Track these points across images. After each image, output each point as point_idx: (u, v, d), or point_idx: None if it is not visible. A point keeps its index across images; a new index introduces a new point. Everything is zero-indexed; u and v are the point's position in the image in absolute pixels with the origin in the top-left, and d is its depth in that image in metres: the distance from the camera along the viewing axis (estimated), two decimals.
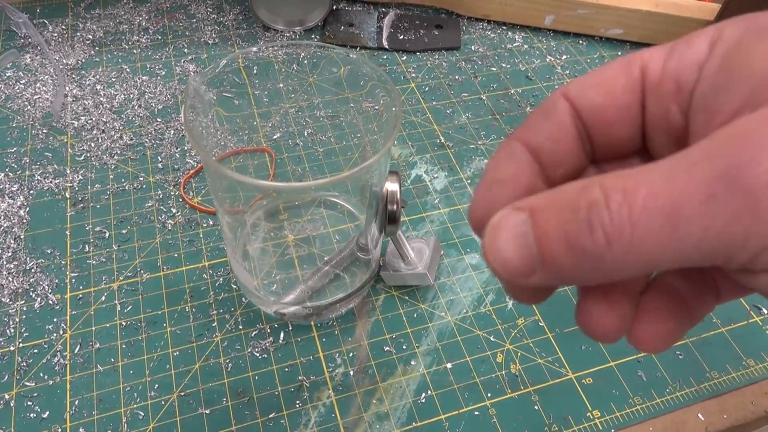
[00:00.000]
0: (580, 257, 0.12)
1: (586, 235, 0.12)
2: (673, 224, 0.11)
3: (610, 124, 0.15)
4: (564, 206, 0.12)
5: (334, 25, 0.56)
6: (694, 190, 0.11)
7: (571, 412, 0.33)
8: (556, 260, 0.12)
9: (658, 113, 0.15)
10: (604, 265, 0.12)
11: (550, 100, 0.16)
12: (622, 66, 0.15)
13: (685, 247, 0.11)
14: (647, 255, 0.12)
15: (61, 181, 0.42)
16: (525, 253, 0.13)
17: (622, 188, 0.12)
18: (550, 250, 0.12)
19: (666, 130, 0.15)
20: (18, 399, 0.32)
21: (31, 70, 0.50)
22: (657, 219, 0.11)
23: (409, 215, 0.42)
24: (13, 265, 0.38)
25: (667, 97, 0.14)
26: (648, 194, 0.11)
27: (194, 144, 0.27)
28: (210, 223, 0.41)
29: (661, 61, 0.14)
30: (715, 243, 0.11)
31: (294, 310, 0.35)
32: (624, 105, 0.15)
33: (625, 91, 0.15)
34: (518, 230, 0.13)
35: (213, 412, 0.32)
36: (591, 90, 0.15)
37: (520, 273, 0.13)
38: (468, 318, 0.37)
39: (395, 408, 0.33)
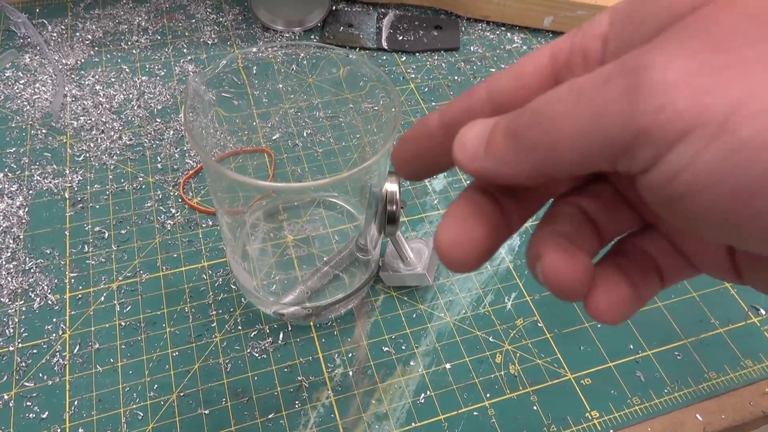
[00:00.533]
0: (509, 138, 0.14)
1: (520, 118, 0.14)
2: (574, 102, 0.13)
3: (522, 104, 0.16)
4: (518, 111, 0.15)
5: (334, 25, 0.56)
6: (594, 78, 0.13)
7: (569, 413, 0.33)
8: (495, 143, 0.14)
9: None
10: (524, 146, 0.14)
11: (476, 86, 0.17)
12: (531, 56, 0.17)
13: (581, 127, 0.12)
14: (555, 133, 0.13)
15: (61, 181, 0.42)
16: (478, 142, 0.15)
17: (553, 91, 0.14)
18: (493, 137, 0.14)
19: None
20: (17, 399, 0.32)
21: (31, 70, 0.50)
22: (566, 98, 0.13)
23: (408, 216, 0.42)
24: (12, 265, 0.38)
25: (576, 69, 0.16)
26: (565, 85, 0.13)
27: (194, 144, 0.27)
28: (209, 223, 0.41)
29: (568, 41, 0.16)
30: (603, 124, 0.12)
31: (293, 310, 0.35)
32: (533, 88, 0.16)
33: (534, 73, 0.16)
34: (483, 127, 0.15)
35: (212, 412, 0.32)
36: (505, 76, 0.17)
37: (469, 157, 0.15)
38: (467, 318, 0.37)
39: (394, 408, 0.33)
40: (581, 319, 0.37)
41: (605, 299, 0.15)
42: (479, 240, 0.16)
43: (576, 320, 0.37)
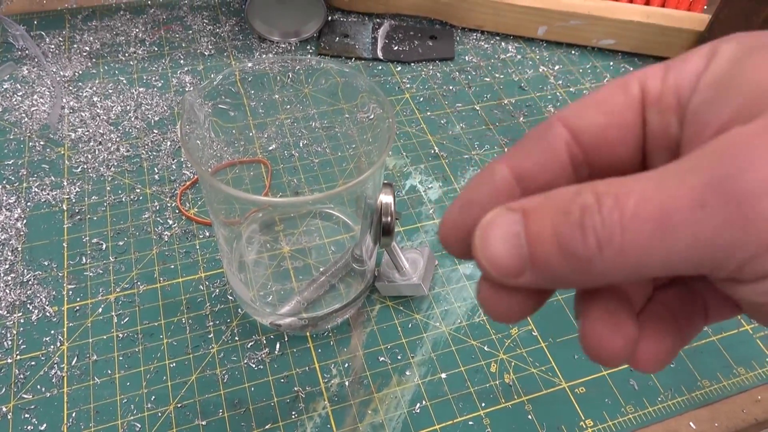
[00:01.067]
0: (570, 260, 0.12)
1: (577, 239, 0.12)
2: (662, 230, 0.11)
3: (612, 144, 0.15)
4: (557, 209, 0.13)
5: (330, 36, 0.56)
6: (684, 197, 0.11)
7: (564, 422, 0.33)
8: (547, 262, 0.13)
9: (659, 129, 0.15)
10: (594, 268, 0.12)
11: (544, 124, 0.15)
12: (619, 86, 0.15)
13: (673, 254, 0.11)
14: (636, 260, 0.12)
15: (58, 193, 0.43)
16: (516, 253, 0.13)
17: (614, 193, 0.12)
18: (541, 252, 0.13)
19: (667, 147, 0.15)
20: (15, 411, 0.33)
21: (29, 82, 0.50)
22: (647, 224, 0.11)
23: (403, 225, 0.42)
24: (10, 277, 0.38)
25: (668, 111, 0.14)
26: (639, 200, 0.12)
27: (190, 158, 0.27)
28: (206, 234, 0.41)
29: (659, 78, 0.15)
30: (703, 250, 0.11)
31: (290, 321, 0.36)
32: (624, 123, 0.15)
33: (625, 108, 0.15)
34: (510, 230, 0.13)
35: (209, 423, 0.33)
36: (590, 110, 0.15)
37: (510, 273, 0.13)
38: (462, 328, 0.37)
39: (390, 418, 0.33)
40: (575, 328, 0.37)
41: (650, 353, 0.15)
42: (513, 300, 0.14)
43: (570, 329, 0.37)
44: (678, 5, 0.56)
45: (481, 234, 0.14)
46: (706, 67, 0.14)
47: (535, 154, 0.15)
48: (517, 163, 0.15)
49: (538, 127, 0.15)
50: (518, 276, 0.13)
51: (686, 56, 0.14)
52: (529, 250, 0.13)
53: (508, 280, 0.13)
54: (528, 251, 0.13)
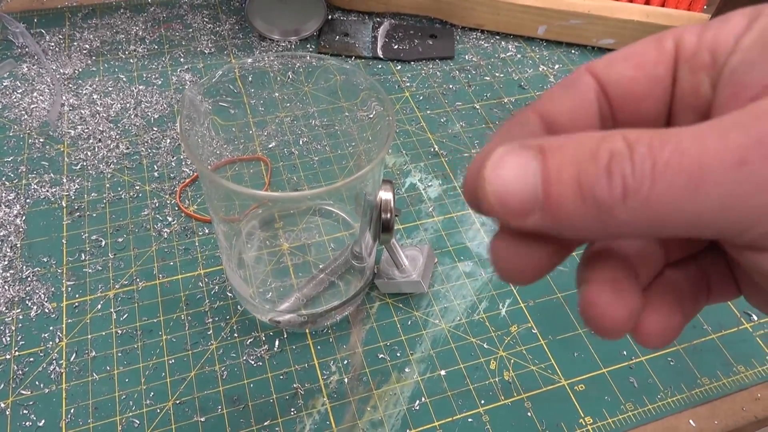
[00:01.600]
0: (589, 205, 0.12)
1: (602, 183, 0.11)
2: (696, 184, 0.11)
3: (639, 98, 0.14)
4: (581, 150, 0.12)
5: (330, 34, 0.56)
6: (724, 153, 0.11)
7: (563, 419, 0.33)
8: (561, 204, 0.12)
9: (689, 87, 0.14)
10: (613, 218, 0.12)
11: (573, 75, 0.15)
12: (653, 41, 0.14)
13: (702, 211, 0.11)
14: (661, 214, 0.11)
15: (58, 189, 0.43)
16: (527, 190, 0.12)
17: (647, 142, 0.11)
18: (557, 192, 0.12)
19: (695, 106, 0.14)
20: (14, 407, 0.33)
21: (28, 79, 0.50)
22: (680, 177, 0.11)
23: (403, 223, 0.42)
24: (9, 273, 0.38)
25: (701, 68, 0.14)
26: (674, 151, 0.11)
27: (190, 154, 0.27)
28: (205, 231, 0.41)
29: (696, 35, 0.14)
30: (734, 210, 0.11)
31: (289, 318, 0.36)
32: (655, 77, 0.14)
33: (657, 63, 0.14)
34: (525, 165, 0.12)
35: (208, 419, 0.33)
36: (620, 63, 0.14)
37: (518, 211, 0.12)
38: (462, 325, 0.37)
39: (389, 415, 0.33)
40: (575, 326, 0.37)
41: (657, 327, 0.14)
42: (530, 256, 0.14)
43: (570, 327, 0.37)
44: (678, 5, 0.56)
45: (491, 165, 0.13)
46: (748, 28, 0.13)
47: (565, 102, 0.15)
48: (547, 110, 0.15)
49: (567, 77, 0.15)
50: (526, 215, 0.12)
51: (727, 16, 0.14)
52: (543, 189, 0.12)
53: (515, 220, 0.12)
54: (542, 190, 0.12)
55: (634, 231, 0.12)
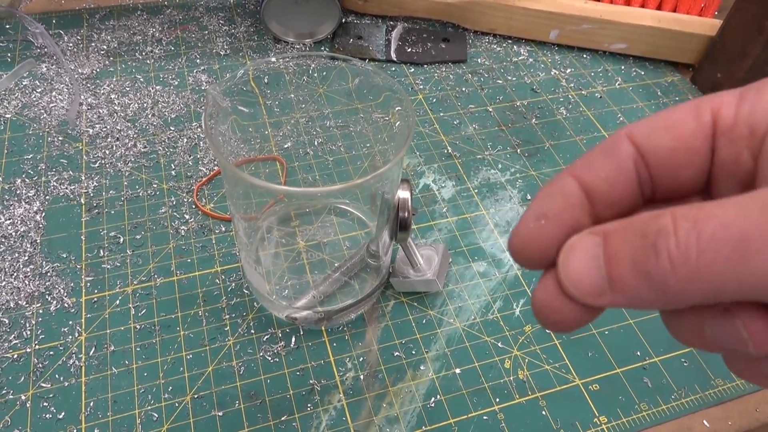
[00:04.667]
0: (644, 280, 0.13)
1: (651, 259, 0.13)
2: (741, 254, 0.12)
3: (679, 167, 0.15)
4: (634, 232, 0.13)
5: (344, 37, 0.57)
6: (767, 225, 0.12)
7: (578, 418, 0.34)
8: (623, 282, 0.13)
9: (728, 158, 0.15)
10: (669, 289, 0.12)
11: (612, 140, 0.16)
12: (691, 110, 0.15)
13: (750, 277, 0.12)
14: (710, 283, 0.12)
15: (77, 187, 0.43)
16: (595, 274, 0.14)
17: (692, 217, 0.12)
18: (617, 272, 0.13)
19: (734, 175, 0.15)
20: (34, 400, 0.33)
21: (47, 79, 0.51)
22: (725, 248, 0.12)
23: (417, 223, 0.43)
24: (29, 268, 0.38)
25: (740, 141, 0.15)
26: (719, 225, 0.12)
27: (214, 149, 0.28)
28: (222, 229, 0.42)
29: (733, 107, 0.15)
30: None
31: (305, 314, 0.36)
32: (693, 149, 0.15)
33: (695, 135, 0.15)
34: (591, 252, 0.14)
35: (226, 414, 0.33)
36: (660, 133, 0.15)
37: (591, 292, 0.14)
38: (476, 324, 0.37)
39: (405, 412, 0.33)
40: (589, 326, 0.37)
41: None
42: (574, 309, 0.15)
43: (584, 327, 0.37)
44: (689, 10, 0.57)
45: (564, 257, 0.14)
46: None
47: (603, 168, 0.15)
48: (587, 178, 0.15)
49: (605, 141, 0.16)
50: (599, 296, 0.14)
51: (761, 86, 0.15)
52: (606, 271, 0.13)
53: (589, 299, 0.14)
54: (606, 272, 0.13)
55: (691, 299, 0.13)
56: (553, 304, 0.15)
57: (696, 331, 0.14)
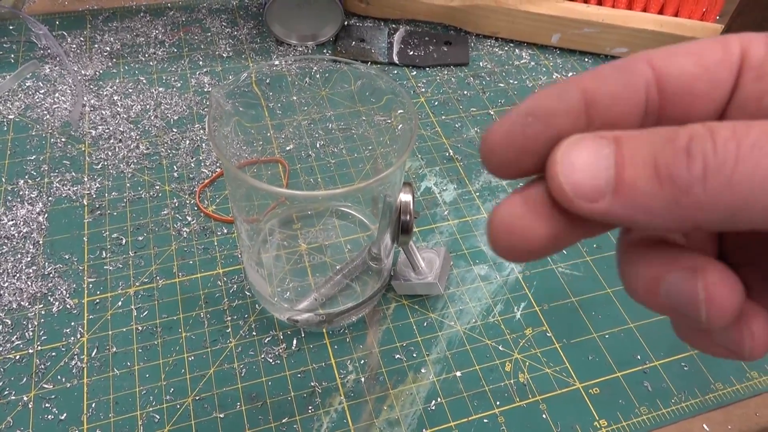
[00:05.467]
0: (665, 185, 0.11)
1: (681, 162, 0.11)
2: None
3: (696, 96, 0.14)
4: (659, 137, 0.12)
5: (346, 40, 0.57)
6: None
7: (578, 421, 0.34)
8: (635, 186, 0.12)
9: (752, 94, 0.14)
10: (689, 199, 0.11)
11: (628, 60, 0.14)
12: (718, 42, 0.14)
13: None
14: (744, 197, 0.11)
15: (79, 188, 0.43)
16: (599, 175, 0.12)
17: (731, 127, 0.11)
18: (630, 175, 0.12)
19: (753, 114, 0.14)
20: (36, 401, 0.33)
21: (50, 80, 0.51)
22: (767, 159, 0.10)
23: (419, 226, 0.43)
24: (32, 269, 0.39)
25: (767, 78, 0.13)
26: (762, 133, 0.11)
27: (217, 151, 0.28)
28: (224, 231, 0.42)
29: (764, 45, 0.14)
30: None
31: (306, 317, 0.36)
32: (717, 79, 0.14)
33: (720, 65, 0.14)
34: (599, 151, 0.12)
35: (227, 416, 0.33)
36: (683, 58, 0.14)
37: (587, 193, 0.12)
38: (477, 327, 0.37)
39: (406, 415, 0.34)
40: (589, 330, 0.38)
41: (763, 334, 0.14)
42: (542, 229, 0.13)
43: (584, 330, 0.38)
44: (691, 15, 0.57)
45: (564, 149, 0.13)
46: None
47: (612, 84, 0.14)
48: (591, 86, 0.14)
49: (620, 60, 0.14)
50: (596, 200, 0.12)
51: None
52: (615, 172, 0.12)
53: (583, 203, 0.12)
54: (614, 173, 0.12)
55: (709, 216, 0.11)
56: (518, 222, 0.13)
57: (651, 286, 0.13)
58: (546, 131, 0.14)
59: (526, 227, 0.13)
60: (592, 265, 0.41)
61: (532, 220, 0.13)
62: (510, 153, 0.14)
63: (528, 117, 0.14)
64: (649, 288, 0.13)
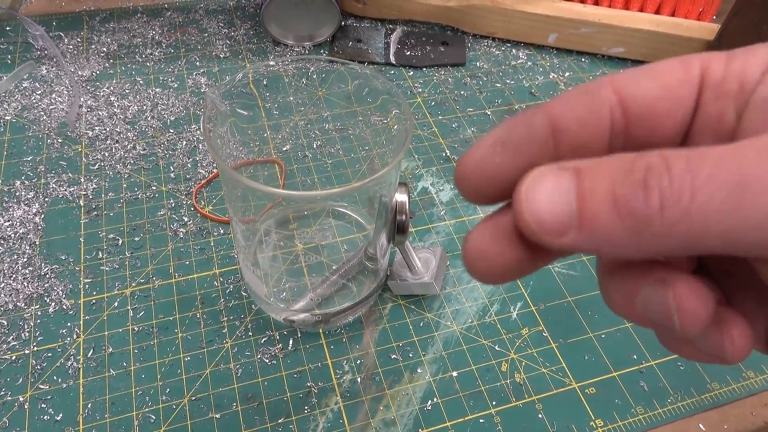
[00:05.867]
0: (624, 219, 0.12)
1: (638, 196, 0.11)
2: (738, 197, 0.11)
3: (659, 117, 0.14)
4: (616, 168, 0.12)
5: (343, 40, 0.57)
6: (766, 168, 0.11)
7: (574, 421, 0.34)
8: (596, 220, 0.12)
9: (713, 113, 0.14)
10: (650, 231, 0.11)
11: (593, 84, 0.14)
12: (679, 62, 0.14)
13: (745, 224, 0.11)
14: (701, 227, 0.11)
15: (76, 189, 0.43)
16: (562, 210, 0.12)
17: (685, 157, 0.11)
18: (591, 209, 0.12)
19: (716, 132, 0.14)
20: (32, 401, 0.33)
21: (47, 81, 0.51)
22: (722, 189, 0.11)
23: (415, 226, 0.43)
24: (28, 270, 0.39)
25: (728, 96, 0.14)
26: (714, 166, 0.11)
27: (212, 152, 0.28)
28: (221, 231, 0.42)
29: (723, 63, 0.14)
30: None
31: (303, 317, 0.36)
32: (678, 99, 0.14)
33: (682, 85, 0.14)
34: (560, 185, 0.13)
35: (223, 416, 0.33)
36: (645, 80, 0.14)
37: (553, 230, 0.12)
38: (473, 327, 0.37)
39: (402, 415, 0.34)
40: (585, 329, 0.38)
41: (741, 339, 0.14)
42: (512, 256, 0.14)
43: (580, 330, 0.38)
44: (688, 14, 0.57)
45: (530, 184, 0.13)
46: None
47: (578, 109, 0.14)
48: (557, 112, 0.14)
49: (584, 84, 0.15)
50: (561, 235, 0.12)
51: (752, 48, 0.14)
52: (577, 206, 0.12)
53: (551, 239, 0.13)
54: (576, 207, 0.12)
55: (670, 245, 0.12)
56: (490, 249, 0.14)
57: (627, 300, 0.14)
58: (515, 159, 0.14)
59: (496, 254, 0.14)
60: (588, 265, 0.41)
61: (502, 247, 0.14)
62: (483, 181, 0.14)
63: (497, 146, 0.14)
64: (625, 302, 0.14)
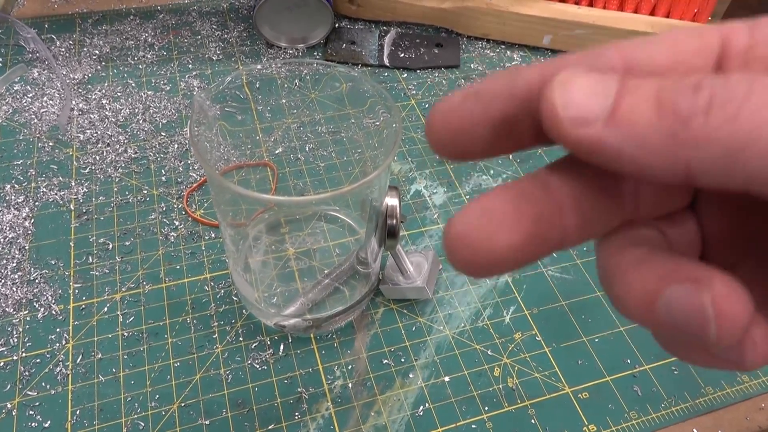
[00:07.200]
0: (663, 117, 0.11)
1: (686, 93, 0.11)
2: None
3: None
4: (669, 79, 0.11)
5: (336, 42, 0.57)
6: None
7: (567, 426, 0.33)
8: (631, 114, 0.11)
9: None
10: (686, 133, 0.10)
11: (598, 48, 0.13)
12: (693, 30, 0.13)
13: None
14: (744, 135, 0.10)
15: (66, 193, 0.43)
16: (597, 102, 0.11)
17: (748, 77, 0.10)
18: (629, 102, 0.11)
19: None
20: (20, 408, 0.33)
21: (39, 84, 0.51)
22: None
23: (408, 230, 0.42)
24: (17, 275, 0.38)
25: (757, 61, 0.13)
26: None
27: (199, 158, 0.28)
28: (212, 235, 0.41)
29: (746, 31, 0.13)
30: None
31: (294, 322, 0.36)
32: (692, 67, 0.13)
33: (697, 53, 0.13)
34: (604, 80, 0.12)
35: (213, 423, 0.33)
36: (656, 46, 0.13)
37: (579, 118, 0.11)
38: (466, 332, 0.37)
39: (393, 420, 0.33)
40: (578, 333, 0.37)
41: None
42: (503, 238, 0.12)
43: (573, 334, 0.37)
44: (683, 16, 0.57)
45: (567, 73, 0.12)
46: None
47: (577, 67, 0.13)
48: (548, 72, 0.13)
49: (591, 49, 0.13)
50: (586, 125, 0.11)
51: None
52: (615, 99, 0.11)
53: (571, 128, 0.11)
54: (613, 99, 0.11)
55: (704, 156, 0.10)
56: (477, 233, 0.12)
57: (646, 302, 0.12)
58: (485, 113, 0.13)
59: (485, 238, 0.12)
60: (582, 269, 0.41)
61: (493, 230, 0.12)
62: (448, 133, 0.13)
63: (469, 98, 0.13)
64: (643, 303, 0.12)
